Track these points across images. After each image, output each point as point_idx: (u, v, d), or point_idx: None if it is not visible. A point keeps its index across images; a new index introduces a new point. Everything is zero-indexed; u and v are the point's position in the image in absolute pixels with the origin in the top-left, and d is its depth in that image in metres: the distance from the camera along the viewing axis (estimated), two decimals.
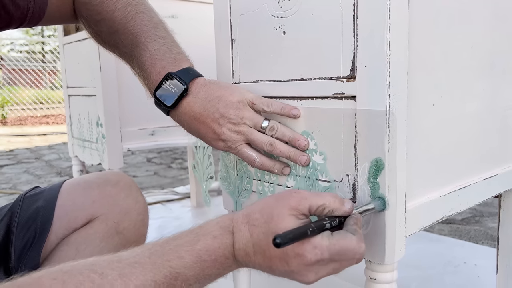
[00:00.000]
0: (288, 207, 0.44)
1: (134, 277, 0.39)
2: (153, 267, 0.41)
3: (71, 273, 0.38)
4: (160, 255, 0.42)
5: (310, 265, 0.42)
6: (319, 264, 0.43)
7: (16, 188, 2.60)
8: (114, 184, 0.74)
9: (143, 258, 0.41)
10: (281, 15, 0.58)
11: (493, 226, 1.63)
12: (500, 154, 0.73)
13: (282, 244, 0.39)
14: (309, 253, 0.42)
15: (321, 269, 0.43)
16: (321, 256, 0.42)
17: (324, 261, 0.43)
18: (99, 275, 0.38)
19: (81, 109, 1.41)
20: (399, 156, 0.49)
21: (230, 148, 0.59)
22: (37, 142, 4.78)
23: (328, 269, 0.44)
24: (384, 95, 0.47)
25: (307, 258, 0.42)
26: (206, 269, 0.43)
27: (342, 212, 0.46)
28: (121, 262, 0.40)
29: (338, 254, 0.42)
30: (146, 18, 0.62)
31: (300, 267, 0.43)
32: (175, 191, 2.12)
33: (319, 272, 0.43)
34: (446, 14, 0.57)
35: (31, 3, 0.58)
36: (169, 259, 0.42)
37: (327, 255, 0.42)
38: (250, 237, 0.44)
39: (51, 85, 8.86)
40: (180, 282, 0.42)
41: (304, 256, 0.42)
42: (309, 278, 0.43)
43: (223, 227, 0.46)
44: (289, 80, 0.58)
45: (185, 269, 0.42)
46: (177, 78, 0.59)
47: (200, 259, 0.43)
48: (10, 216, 0.67)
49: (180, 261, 0.42)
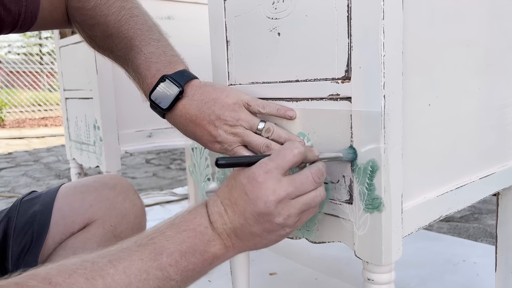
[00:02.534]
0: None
1: (123, 260, 0.42)
2: (139, 248, 0.44)
3: (64, 263, 0.41)
4: (144, 237, 0.45)
5: (262, 181, 0.45)
6: (270, 178, 0.45)
7: (14, 191, 2.60)
8: (111, 188, 0.74)
9: (130, 244, 0.44)
10: (276, 17, 0.58)
11: (492, 224, 1.63)
12: (497, 152, 0.73)
13: (222, 164, 0.44)
14: (255, 168, 0.46)
15: (276, 184, 0.45)
16: (266, 166, 0.46)
17: (272, 171, 0.46)
18: (91, 263, 0.41)
19: (78, 112, 1.41)
20: (394, 157, 0.49)
21: (226, 150, 0.59)
22: (36, 145, 4.77)
23: (284, 185, 0.46)
24: (379, 96, 0.47)
25: (256, 173, 0.46)
26: (187, 239, 0.46)
27: None
28: (111, 251, 0.43)
29: (279, 158, 0.46)
30: (140, 21, 0.62)
31: (256, 189, 0.45)
32: (174, 192, 2.12)
33: (276, 189, 0.45)
34: (441, 13, 0.57)
35: (23, 8, 0.58)
36: (153, 237, 0.45)
37: (271, 163, 0.46)
38: (217, 198, 0.49)
39: (49, 87, 8.84)
40: (166, 257, 0.44)
41: (253, 174, 0.46)
42: (269, 197, 0.45)
43: (198, 204, 0.50)
44: (285, 82, 0.58)
45: (167, 241, 0.45)
46: (172, 81, 0.59)
47: (179, 229, 0.46)
48: (7, 221, 0.67)
49: (162, 236, 0.45)
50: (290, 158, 0.47)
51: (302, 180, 0.47)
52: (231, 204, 0.47)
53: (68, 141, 1.52)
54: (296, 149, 0.47)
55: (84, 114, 1.36)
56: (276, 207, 0.45)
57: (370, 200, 0.50)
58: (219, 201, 0.48)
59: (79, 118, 1.41)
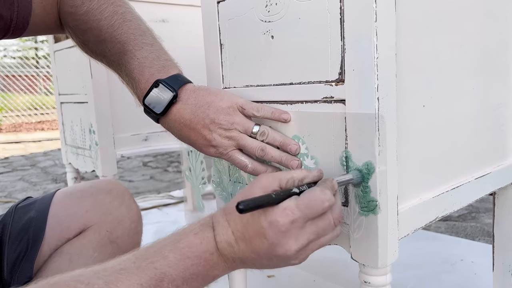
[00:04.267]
0: (259, 187, 0.45)
1: (120, 283, 0.39)
2: (138, 270, 0.41)
3: (58, 285, 0.38)
4: (145, 258, 0.42)
5: (285, 231, 0.42)
6: (295, 227, 0.42)
7: (11, 196, 2.59)
8: (107, 193, 0.73)
9: (129, 264, 0.41)
10: (269, 20, 0.57)
11: (490, 222, 1.64)
12: (492, 152, 0.73)
13: (244, 209, 0.39)
14: (280, 216, 0.42)
15: (299, 233, 0.43)
16: (292, 216, 0.42)
17: (298, 221, 0.42)
18: (85, 285, 0.38)
19: (74, 116, 1.40)
20: (389, 159, 0.49)
21: (221, 154, 0.59)
22: (32, 149, 4.75)
23: (307, 233, 0.43)
24: (373, 98, 0.47)
25: (280, 223, 0.42)
26: (191, 267, 0.43)
27: (311, 177, 0.47)
28: (107, 270, 0.40)
29: (307, 207, 0.42)
30: (133, 26, 0.62)
31: (278, 236, 0.42)
32: (171, 195, 2.11)
33: (298, 237, 0.43)
34: (435, 14, 0.57)
35: (14, 13, 0.57)
36: (153, 261, 0.42)
37: (298, 212, 0.42)
38: (228, 226, 0.45)
39: (45, 90, 8.82)
40: (167, 284, 0.41)
41: (277, 222, 0.42)
42: (291, 246, 0.42)
43: (204, 224, 0.46)
44: (279, 85, 0.58)
45: (170, 268, 0.42)
46: (166, 85, 0.58)
47: (183, 256, 0.43)
48: (1, 228, 0.67)
49: (164, 261, 0.42)
50: (319, 211, 0.43)
51: (325, 227, 0.44)
52: (244, 239, 0.44)
53: (64, 145, 1.51)
54: (327, 202, 0.43)
55: (80, 118, 1.36)
56: (296, 253, 0.43)
57: (365, 203, 0.49)
58: (230, 231, 0.45)
59: (74, 123, 1.40)
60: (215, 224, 0.46)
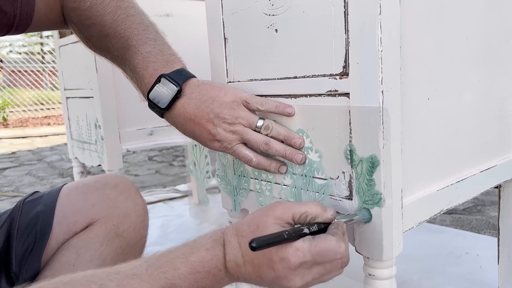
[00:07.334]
0: (273, 217, 0.46)
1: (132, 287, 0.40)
2: (150, 278, 0.42)
3: (71, 284, 0.39)
4: (157, 267, 0.43)
5: (294, 269, 0.44)
6: (303, 267, 0.44)
7: (18, 190, 2.61)
8: (113, 187, 0.74)
9: (141, 270, 0.43)
10: (273, 13, 0.57)
11: (495, 215, 1.63)
12: (498, 145, 0.72)
13: (257, 247, 0.40)
14: (292, 256, 0.43)
15: (306, 273, 0.44)
16: (303, 258, 0.43)
17: (307, 263, 0.44)
18: (98, 286, 0.39)
19: (79, 111, 1.41)
20: (394, 152, 0.49)
21: (226, 148, 0.59)
22: (39, 144, 4.79)
23: (313, 273, 0.45)
24: (377, 91, 0.47)
25: (291, 261, 0.43)
26: (200, 280, 0.45)
27: (324, 218, 0.48)
28: (120, 274, 0.42)
29: (320, 255, 0.44)
30: (136, 21, 0.62)
31: (286, 271, 0.44)
32: (176, 189, 2.12)
33: (304, 276, 0.44)
34: (439, 6, 0.57)
35: (18, 9, 0.58)
36: (165, 271, 0.43)
37: (309, 256, 0.43)
38: (239, 248, 0.46)
39: (51, 85, 8.86)
40: None
41: (288, 260, 0.43)
42: (296, 282, 0.44)
43: (215, 240, 0.47)
44: (283, 78, 0.58)
45: (180, 280, 0.43)
46: (170, 80, 0.59)
47: (194, 270, 0.44)
48: (10, 222, 0.67)
49: (175, 272, 0.43)
50: (330, 260, 0.44)
51: (332, 269, 0.45)
52: (252, 263, 0.45)
53: (70, 140, 1.52)
54: (340, 255, 0.44)
55: (85, 113, 1.36)
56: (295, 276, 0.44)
57: (370, 196, 0.49)
58: (240, 253, 0.46)
59: (80, 117, 1.41)
60: (226, 243, 0.47)
